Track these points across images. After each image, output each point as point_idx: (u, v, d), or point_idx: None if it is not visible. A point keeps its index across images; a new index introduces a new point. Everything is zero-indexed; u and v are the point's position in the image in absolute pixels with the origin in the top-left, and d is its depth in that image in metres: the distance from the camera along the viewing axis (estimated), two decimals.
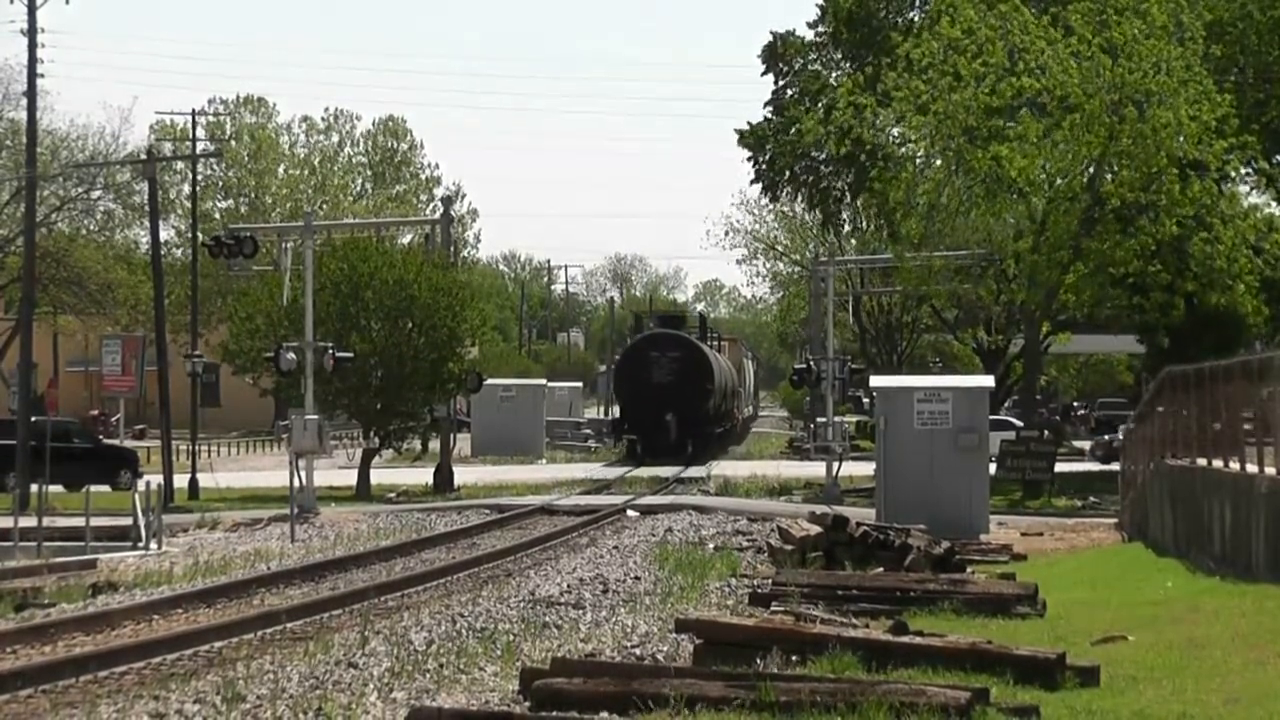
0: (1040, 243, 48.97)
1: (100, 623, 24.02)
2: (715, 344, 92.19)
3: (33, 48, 53.49)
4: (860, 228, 78.02)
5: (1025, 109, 48.28)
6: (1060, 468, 52.63)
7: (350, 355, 50.11)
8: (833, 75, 60.25)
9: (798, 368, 58.33)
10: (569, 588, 27.48)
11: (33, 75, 53.52)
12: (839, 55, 61.09)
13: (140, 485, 44.77)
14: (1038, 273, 49.38)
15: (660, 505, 45.83)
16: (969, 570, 27.88)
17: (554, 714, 15.04)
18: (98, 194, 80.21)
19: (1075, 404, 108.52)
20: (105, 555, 35.37)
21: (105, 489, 50.69)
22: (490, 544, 36.74)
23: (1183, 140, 47.15)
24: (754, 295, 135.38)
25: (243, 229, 52.51)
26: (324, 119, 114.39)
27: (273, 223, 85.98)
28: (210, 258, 56.46)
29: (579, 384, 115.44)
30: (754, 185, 63.08)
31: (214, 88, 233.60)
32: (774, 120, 60.69)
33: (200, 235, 72.63)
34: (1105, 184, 48.34)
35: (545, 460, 73.82)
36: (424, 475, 57.99)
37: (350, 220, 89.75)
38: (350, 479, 55.40)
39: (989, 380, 46.13)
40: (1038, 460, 49.52)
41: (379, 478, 56.70)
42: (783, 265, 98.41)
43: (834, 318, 60.32)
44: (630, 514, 43.75)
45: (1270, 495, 23.33)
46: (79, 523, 39.02)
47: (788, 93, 61.31)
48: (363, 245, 58.48)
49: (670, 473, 61.32)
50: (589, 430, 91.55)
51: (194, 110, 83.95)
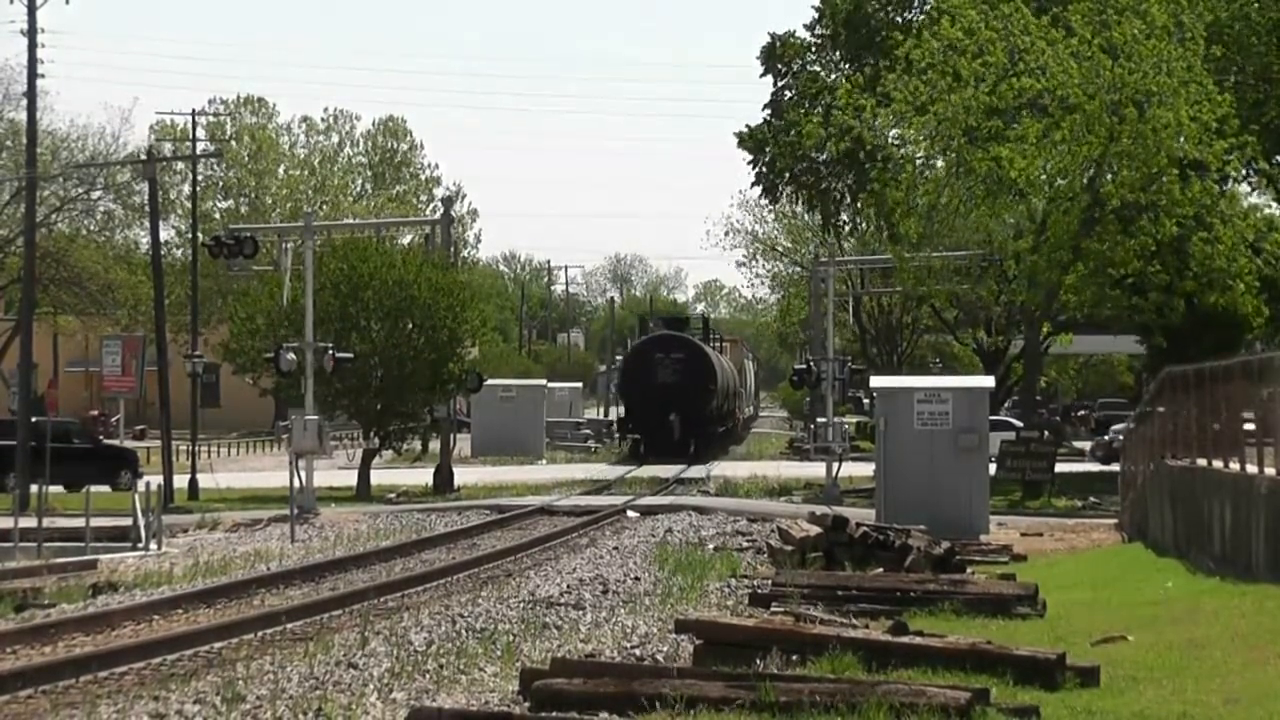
0: (1040, 243, 48.95)
1: (100, 623, 24.01)
2: (717, 345, 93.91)
3: (33, 48, 53.51)
4: (860, 228, 78.01)
5: (1025, 109, 48.27)
6: (1060, 468, 52.62)
7: (350, 355, 50.10)
8: (832, 77, 60.24)
9: (798, 368, 58.29)
10: (569, 588, 27.47)
11: (33, 75, 53.50)
12: (838, 56, 61.08)
13: (140, 486, 44.76)
14: (1038, 273, 49.37)
15: (660, 506, 45.82)
16: (969, 571, 27.87)
17: (554, 714, 15.04)
18: (98, 194, 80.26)
19: (1075, 404, 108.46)
20: (105, 556, 35.34)
21: (105, 489, 50.70)
22: (490, 544, 36.74)
23: (1183, 141, 47.15)
24: (754, 296, 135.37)
25: (243, 229, 52.54)
26: (324, 119, 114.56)
27: (273, 223, 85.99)
28: (210, 258, 56.47)
29: (579, 384, 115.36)
30: (754, 188, 63.13)
31: (214, 88, 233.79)
32: (773, 123, 60.67)
33: (200, 235, 72.59)
34: (1105, 184, 48.32)
35: (545, 461, 73.81)
36: (424, 476, 57.97)
37: (350, 220, 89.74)
38: (350, 479, 55.39)
39: (989, 381, 46.12)
40: (1038, 461, 49.53)
41: (379, 478, 56.68)
42: (782, 266, 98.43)
43: (834, 318, 60.32)
44: (630, 514, 43.74)
45: (1270, 495, 23.33)
46: (79, 523, 38.99)
47: (787, 94, 61.31)
48: (363, 245, 58.44)
49: (670, 473, 61.33)
50: (589, 430, 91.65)
51: (194, 110, 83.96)
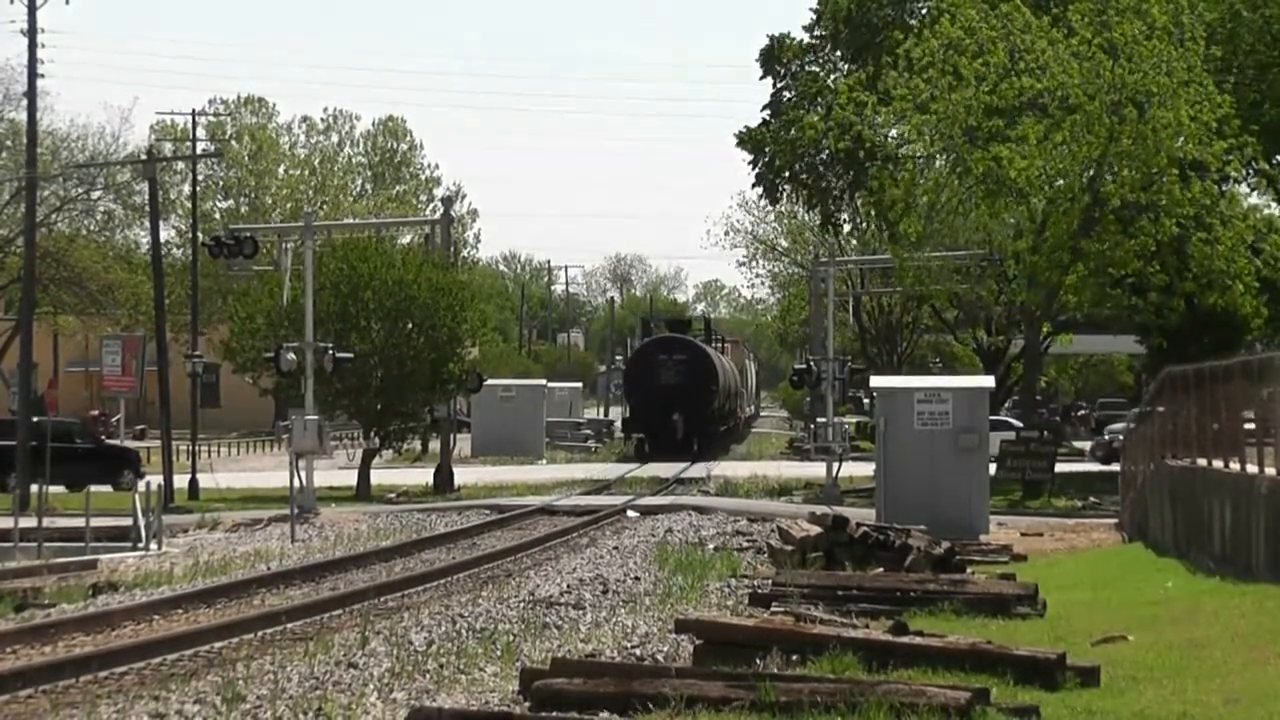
0: (1040, 243, 48.94)
1: (100, 623, 24.02)
2: (719, 346, 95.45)
3: (33, 48, 53.49)
4: (860, 228, 78.06)
5: (1026, 109, 48.26)
6: (1060, 468, 52.61)
7: (350, 355, 50.09)
8: (831, 78, 60.23)
9: (798, 368, 58.25)
10: (569, 588, 27.48)
11: (33, 75, 53.48)
12: (837, 57, 61.10)
13: (141, 486, 44.74)
14: (1038, 273, 49.36)
15: (660, 506, 45.82)
16: (969, 570, 27.86)
17: (554, 714, 15.04)
18: (98, 194, 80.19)
19: (1074, 404, 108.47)
20: (105, 556, 35.34)
21: (107, 489, 50.66)
22: (490, 544, 36.75)
23: (1183, 141, 47.15)
24: (754, 296, 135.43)
25: (243, 229, 52.56)
26: (324, 119, 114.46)
27: (273, 223, 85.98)
28: (210, 258, 56.55)
29: (579, 384, 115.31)
30: (754, 188, 63.13)
31: (214, 88, 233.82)
32: (773, 123, 60.69)
33: (200, 235, 72.60)
34: (1105, 184, 48.30)
35: (545, 461, 73.82)
36: (424, 476, 57.98)
37: (350, 220, 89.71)
38: (350, 479, 55.38)
39: (989, 381, 46.10)
40: (1038, 460, 49.52)
41: (379, 478, 56.69)
42: (782, 266, 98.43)
43: (834, 318, 60.28)
44: (630, 514, 43.74)
45: (1270, 495, 23.33)
46: (79, 523, 38.97)
47: (786, 96, 61.33)
48: (362, 245, 58.43)
49: (671, 472, 61.40)
50: (589, 430, 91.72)
51: (194, 110, 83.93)
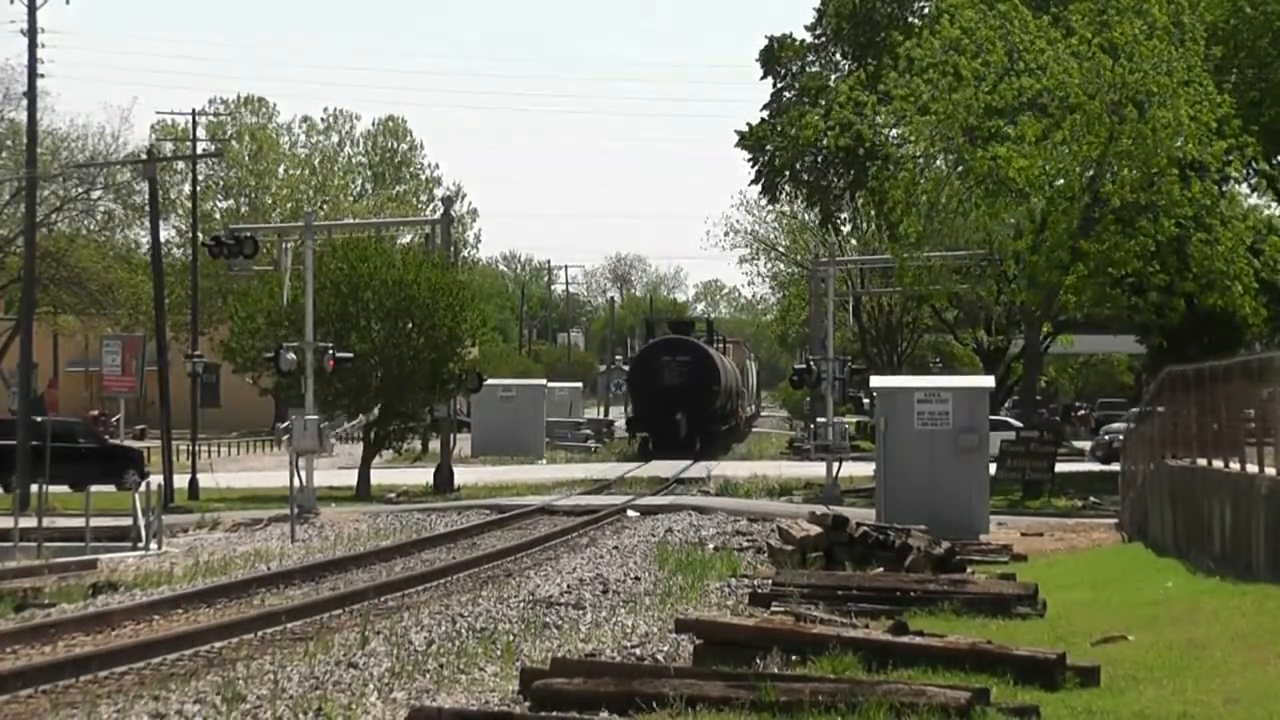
0: (1040, 243, 48.93)
1: (100, 623, 24.02)
2: (720, 347, 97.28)
3: (33, 48, 53.44)
4: (860, 228, 78.09)
5: (1025, 109, 48.26)
6: (1060, 468, 52.61)
7: (350, 355, 50.10)
8: (831, 77, 60.25)
9: (798, 368, 58.21)
10: (569, 588, 27.48)
11: (33, 75, 53.44)
12: (838, 57, 61.13)
13: (143, 486, 44.71)
14: (1038, 273, 49.36)
15: (660, 505, 45.83)
16: (969, 570, 27.87)
17: (554, 714, 15.04)
18: (98, 194, 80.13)
19: (1073, 404, 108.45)
20: (105, 555, 35.33)
21: (110, 489, 50.56)
22: (490, 544, 36.74)
23: (1183, 141, 47.14)
24: (754, 295, 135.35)
25: (243, 229, 52.54)
26: (324, 119, 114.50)
27: (273, 223, 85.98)
28: (210, 258, 56.48)
29: (579, 384, 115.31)
30: (754, 186, 63.19)
31: (214, 88, 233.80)
32: (773, 123, 60.72)
33: (200, 235, 72.59)
34: (1105, 184, 48.30)
35: (545, 460, 73.84)
36: (424, 475, 57.97)
37: (350, 220, 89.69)
38: (350, 479, 55.39)
39: (989, 381, 46.09)
40: (1038, 460, 49.52)
41: (379, 478, 56.70)
42: (783, 266, 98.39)
43: (834, 318, 60.25)
44: (630, 514, 43.75)
45: (1270, 495, 23.33)
46: (79, 523, 38.95)
47: (786, 95, 61.37)
48: (362, 245, 58.40)
49: (671, 472, 61.44)
50: (589, 430, 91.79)
51: (194, 110, 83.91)
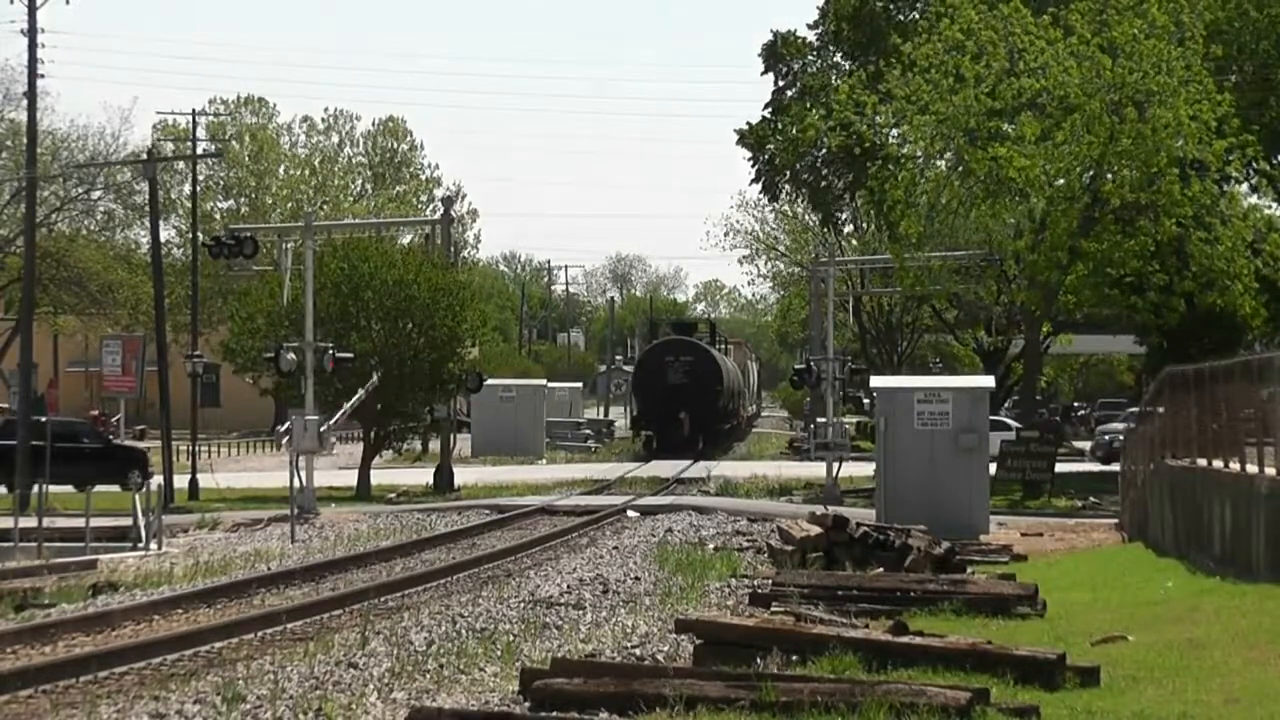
0: (1040, 243, 48.94)
1: (100, 623, 24.02)
2: (722, 348, 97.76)
3: (33, 48, 53.38)
4: (860, 228, 78.10)
5: (1025, 109, 48.26)
6: (1060, 468, 52.60)
7: (350, 355, 50.10)
8: (833, 76, 60.20)
9: (798, 368, 58.21)
10: (569, 588, 27.49)
11: (33, 76, 53.40)
12: (839, 56, 61.08)
13: (149, 485, 44.69)
14: (1037, 273, 49.38)
15: (660, 506, 45.83)
16: (969, 571, 27.87)
17: (554, 714, 15.05)
18: (98, 194, 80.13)
19: (1072, 405, 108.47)
20: (105, 556, 35.33)
21: (113, 489, 50.48)
22: (490, 544, 36.74)
23: (1183, 141, 47.13)
24: (754, 296, 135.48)
25: (243, 229, 52.54)
26: (324, 119, 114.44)
27: (273, 223, 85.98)
28: (211, 258, 56.48)
29: (579, 384, 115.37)
30: (754, 185, 63.11)
31: (214, 88, 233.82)
32: (774, 121, 60.66)
33: (201, 235, 72.58)
34: (1105, 184, 48.30)
35: (545, 461, 73.86)
36: (424, 476, 57.99)
37: (350, 220, 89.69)
38: (350, 479, 55.39)
39: (989, 381, 46.07)
40: (1038, 461, 49.52)
41: (379, 478, 56.71)
42: (783, 266, 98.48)
43: (834, 318, 60.25)
44: (630, 514, 43.75)
45: (1270, 495, 23.34)
46: (79, 523, 38.96)
47: (788, 93, 61.31)
48: (363, 245, 58.42)
49: (672, 472, 61.50)
50: (589, 430, 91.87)
51: (194, 110, 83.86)
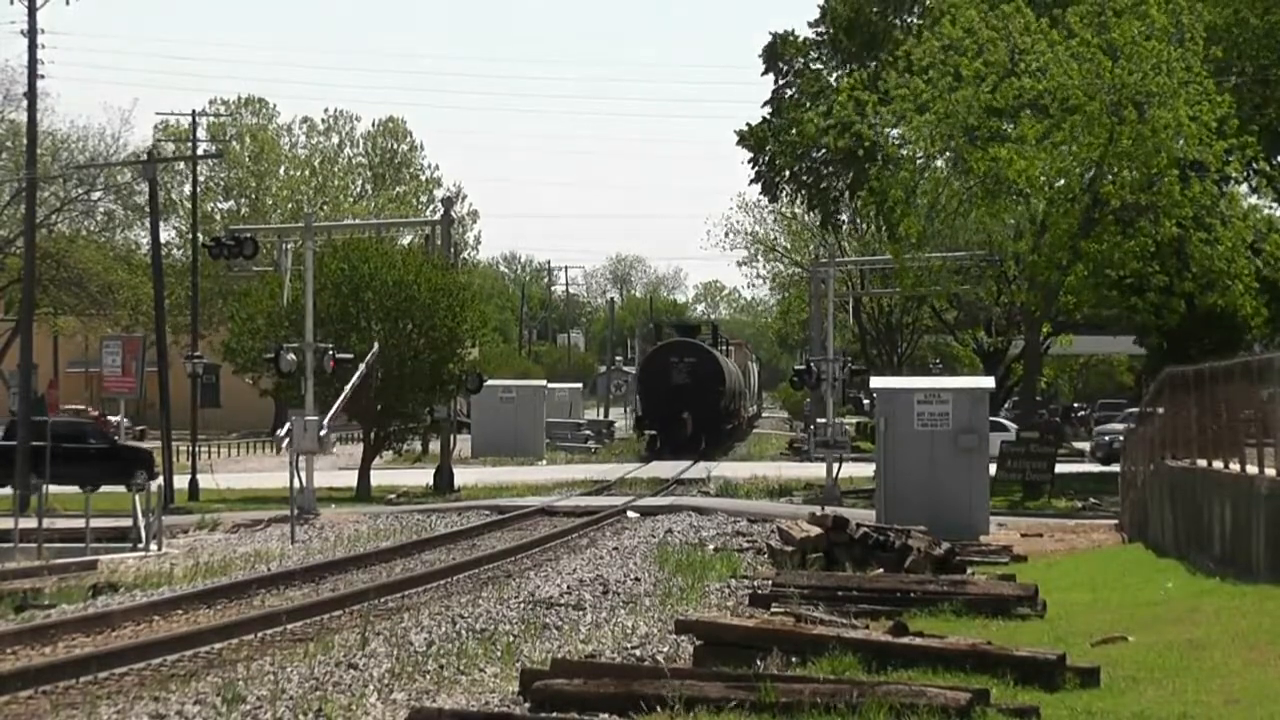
0: (1040, 244, 48.95)
1: (100, 624, 24.03)
2: (724, 349, 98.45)
3: (33, 49, 53.36)
4: (860, 228, 78.07)
5: (1026, 110, 48.26)
6: (1060, 469, 52.60)
7: (350, 356, 50.07)
8: (833, 76, 60.22)
9: (798, 369, 58.23)
10: (569, 589, 27.49)
11: (33, 76, 53.38)
12: (839, 55, 61.09)
13: (154, 486, 44.62)
14: (1037, 273, 49.39)
15: (660, 506, 45.83)
16: (969, 571, 27.88)
17: (554, 715, 15.05)
18: (98, 195, 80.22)
19: (1075, 405, 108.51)
20: (105, 556, 35.33)
21: (118, 489, 50.36)
22: (490, 545, 36.75)
23: (1183, 141, 47.12)
24: (754, 296, 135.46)
25: (243, 230, 52.59)
26: (324, 120, 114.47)
27: (273, 223, 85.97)
28: (211, 259, 56.52)
29: (579, 385, 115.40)
30: (753, 185, 63.10)
31: (214, 88, 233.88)
32: (774, 121, 60.67)
33: (201, 236, 72.58)
34: (1105, 185, 48.28)
35: (545, 461, 73.87)
36: (424, 476, 57.98)
37: (350, 221, 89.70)
38: (350, 480, 55.39)
39: (989, 381, 46.07)
40: (1038, 461, 49.51)
41: (379, 479, 56.70)
42: (783, 266, 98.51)
43: (834, 319, 60.26)
44: (630, 515, 43.74)
45: (1270, 496, 23.33)
46: (79, 524, 38.96)
47: (787, 93, 61.32)
48: (363, 246, 58.44)
49: (672, 472, 61.51)
50: (589, 431, 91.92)
51: (194, 111, 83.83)
